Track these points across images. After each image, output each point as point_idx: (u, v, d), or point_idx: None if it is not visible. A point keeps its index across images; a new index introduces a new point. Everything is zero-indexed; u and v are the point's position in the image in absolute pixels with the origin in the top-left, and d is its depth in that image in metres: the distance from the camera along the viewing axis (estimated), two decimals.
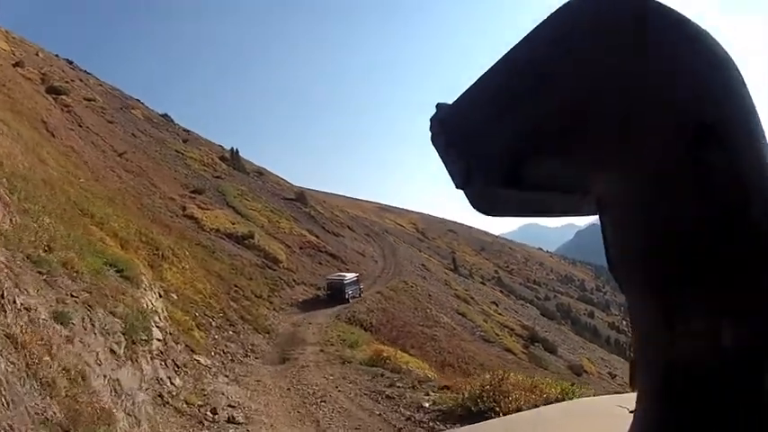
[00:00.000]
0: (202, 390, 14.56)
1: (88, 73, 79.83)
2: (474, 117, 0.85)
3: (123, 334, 11.15)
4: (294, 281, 42.45)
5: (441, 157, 0.89)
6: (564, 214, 0.98)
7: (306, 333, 29.77)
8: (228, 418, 12.85)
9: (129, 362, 10.82)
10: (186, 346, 17.92)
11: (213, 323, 23.68)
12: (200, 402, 13.21)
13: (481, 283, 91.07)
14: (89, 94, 64.52)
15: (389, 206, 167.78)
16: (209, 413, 12.74)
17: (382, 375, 19.61)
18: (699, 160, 0.68)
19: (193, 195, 50.96)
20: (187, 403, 12.79)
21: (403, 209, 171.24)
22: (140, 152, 56.07)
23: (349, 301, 40.92)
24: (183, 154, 65.32)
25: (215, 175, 63.34)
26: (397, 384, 18.13)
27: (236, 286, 32.89)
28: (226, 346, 21.94)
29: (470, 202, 0.86)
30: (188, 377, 15.04)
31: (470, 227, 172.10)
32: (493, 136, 0.82)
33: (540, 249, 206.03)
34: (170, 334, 16.45)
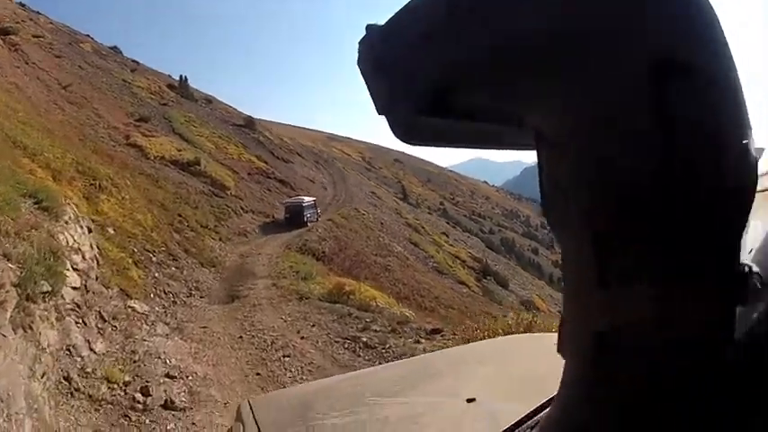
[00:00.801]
0: (133, 353, 11.08)
1: (39, 13, 73.52)
2: (403, 40, 0.73)
3: (16, 287, 7.96)
4: (242, 209, 39.44)
5: (365, 81, 0.76)
6: (497, 147, 0.86)
7: (255, 265, 27.16)
8: (166, 401, 9.38)
9: (20, 330, 7.54)
10: (120, 290, 14.80)
11: (154, 259, 20.53)
12: (126, 378, 9.66)
13: (428, 213, 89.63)
14: (38, 32, 60.01)
15: (337, 135, 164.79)
16: (138, 395, 9.24)
17: (350, 315, 16.98)
18: (662, 100, 0.57)
19: (138, 123, 47.20)
20: (109, 382, 9.24)
21: (351, 138, 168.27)
22: (86, 83, 51.90)
23: (307, 225, 40.81)
24: (129, 83, 61.20)
25: (162, 103, 59.66)
26: (373, 327, 15.57)
27: (180, 216, 29.77)
28: (167, 285, 18.80)
29: (392, 129, 0.75)
30: (116, 335, 11.69)
31: (417, 157, 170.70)
32: (421, 61, 0.71)
33: (486, 183, 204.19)
34: (97, 278, 13.34)
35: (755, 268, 0.62)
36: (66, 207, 13.56)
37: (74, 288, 10.85)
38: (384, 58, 0.74)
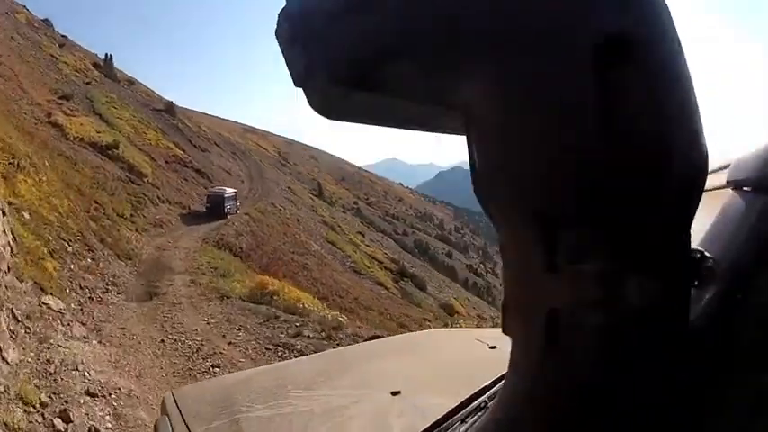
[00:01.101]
0: (48, 362, 9.86)
1: None
2: (323, 10, 0.71)
3: None
4: (159, 198, 37.72)
5: (283, 53, 0.75)
6: (423, 129, 0.83)
7: (172, 259, 26.01)
8: (90, 429, 8.14)
9: None
10: (35, 283, 13.55)
11: (69, 249, 19.13)
12: (43, 397, 8.41)
13: (343, 212, 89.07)
14: None
15: (254, 128, 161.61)
16: (58, 420, 7.97)
17: (277, 318, 16.20)
18: (606, 80, 0.56)
19: (61, 101, 44.82)
20: (24, 403, 7.92)
21: (267, 131, 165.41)
22: (15, 55, 49.28)
23: (227, 216, 40.54)
24: (57, 58, 58.47)
25: (86, 81, 57.01)
26: (305, 333, 14.79)
27: (96, 203, 28.08)
28: (83, 278, 17.55)
29: (309, 102, 0.74)
30: (30, 339, 10.54)
31: (332, 155, 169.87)
32: (341, 31, 0.70)
33: (401, 185, 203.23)
34: (9, 269, 12.21)
35: (707, 254, 0.65)
36: None
37: None
38: (302, 29, 0.72)
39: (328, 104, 0.72)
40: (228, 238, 34.61)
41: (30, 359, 9.75)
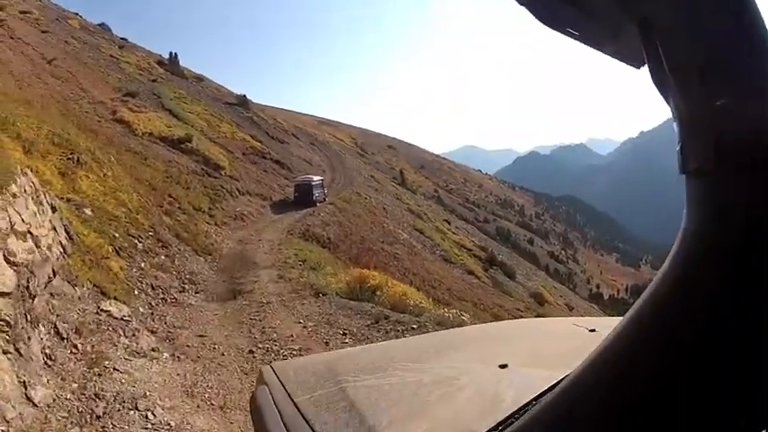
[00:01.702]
0: (96, 398, 6.89)
1: None
2: None
3: None
4: (238, 190, 35.30)
5: None
6: (597, 46, 0.88)
7: (256, 252, 23.55)
8: None
9: None
10: (94, 286, 11.08)
11: (140, 245, 16.80)
12: None
13: (425, 200, 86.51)
14: (26, 8, 55.37)
15: (328, 119, 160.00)
16: None
17: (387, 318, 13.34)
18: None
19: (126, 99, 42.79)
20: None
21: (341, 122, 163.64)
22: (72, 58, 47.69)
23: (316, 204, 39.51)
24: (117, 59, 56.75)
25: (151, 79, 55.15)
26: None
27: (170, 197, 25.85)
28: (155, 278, 15.12)
29: (536, 15, 0.83)
30: (76, 364, 7.65)
31: (410, 144, 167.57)
32: None
33: (480, 172, 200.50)
34: (55, 273, 9.49)
35: None
36: (18, 177, 9.72)
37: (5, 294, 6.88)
38: None
39: (552, 16, 0.81)
40: (315, 229, 32.06)
41: (70, 395, 6.84)
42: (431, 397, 2.09)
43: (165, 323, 12.14)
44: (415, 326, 12.64)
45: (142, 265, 15.52)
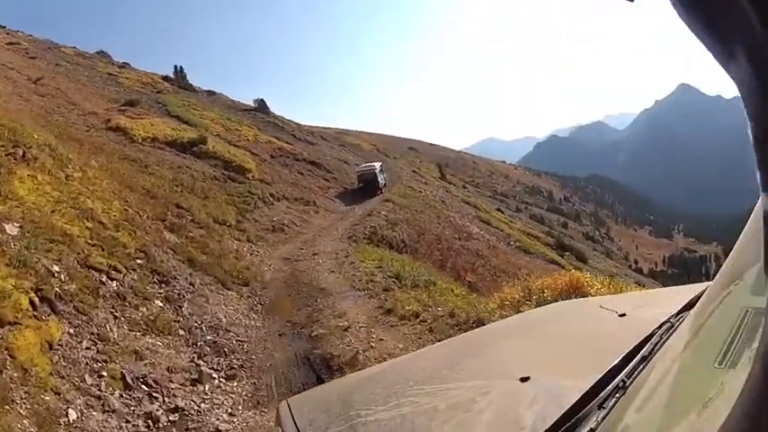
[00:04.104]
0: None
1: (19, 31, 59.70)
2: None
3: None
4: (272, 195, 26.80)
5: None
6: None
7: (317, 272, 15.51)
8: None
9: None
10: None
11: (110, 286, 9.15)
12: None
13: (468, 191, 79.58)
14: (13, 41, 47.33)
15: (345, 130, 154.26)
16: None
17: None
18: None
19: (123, 108, 34.27)
20: None
21: (361, 131, 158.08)
22: (62, 76, 39.31)
23: (382, 192, 37.25)
24: (116, 75, 48.02)
25: (155, 91, 46.57)
26: None
27: (179, 207, 17.53)
28: (136, 355, 7.26)
29: None
30: None
31: (430, 143, 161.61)
32: None
33: (503, 162, 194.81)
34: None
35: None
36: None
37: None
38: None
39: None
40: (383, 231, 24.20)
41: None
42: (445, 428, 1.99)
43: None
44: None
45: (108, 327, 7.35)
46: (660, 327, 1.72)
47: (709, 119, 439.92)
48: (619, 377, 1.52)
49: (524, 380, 1.98)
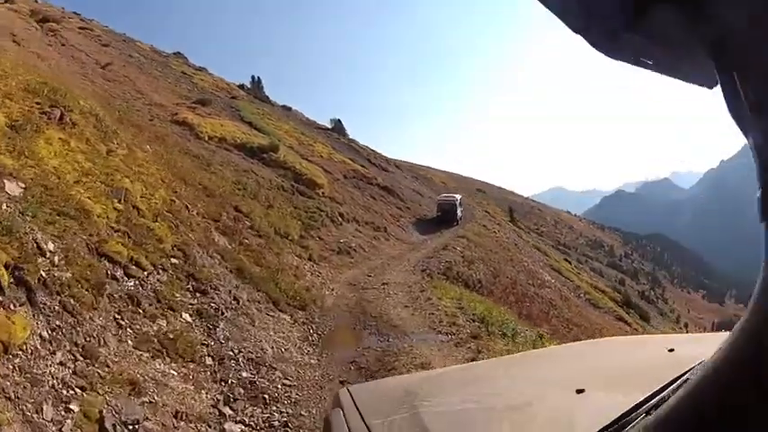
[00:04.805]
0: None
1: (94, 20, 58.62)
2: None
3: None
4: (341, 216, 24.45)
5: (557, 6, 0.81)
6: (669, 72, 0.83)
7: (386, 304, 13.21)
8: None
9: None
10: None
11: (127, 280, 7.09)
12: None
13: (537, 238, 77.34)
14: (85, 26, 44.95)
15: (418, 164, 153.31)
16: None
17: None
18: None
19: (194, 105, 32.38)
20: None
21: (431, 167, 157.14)
22: (133, 67, 37.78)
23: (459, 223, 37.26)
24: (190, 76, 46.04)
25: (230, 96, 44.84)
26: None
27: (237, 211, 15.47)
28: (135, 386, 4.90)
29: (592, 44, 0.79)
30: None
31: (499, 187, 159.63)
32: None
33: (569, 213, 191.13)
34: None
35: None
36: None
37: None
38: None
39: (612, 46, 0.76)
40: (459, 267, 21.64)
41: None
42: (505, 424, 2.02)
43: None
44: None
45: (103, 339, 5.30)
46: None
47: None
48: (666, 391, 1.50)
49: (579, 392, 1.97)
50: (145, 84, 33.33)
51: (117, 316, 6.03)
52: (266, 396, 6.38)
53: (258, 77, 60.00)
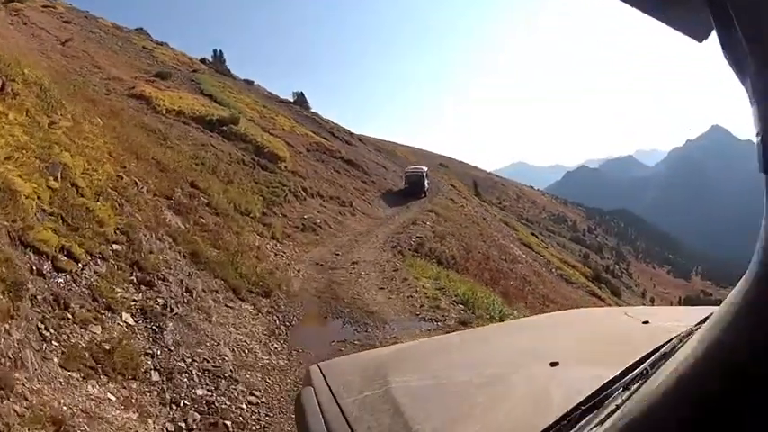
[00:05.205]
0: None
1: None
2: None
3: None
4: (305, 190, 23.48)
5: None
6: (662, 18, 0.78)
7: (359, 285, 12.27)
8: None
9: None
10: None
11: (56, 276, 5.79)
12: None
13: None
14: (49, 4, 43.30)
15: (381, 139, 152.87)
16: None
17: None
18: None
19: (153, 79, 31.33)
20: None
21: (391, 141, 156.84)
22: (93, 42, 36.59)
23: (426, 195, 37.22)
24: (151, 50, 44.77)
25: (191, 70, 43.84)
26: None
27: (193, 187, 14.27)
28: (60, 425, 3.73)
29: None
30: None
31: (461, 162, 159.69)
32: None
33: (532, 188, 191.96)
34: None
35: None
36: None
37: None
38: None
39: None
40: (431, 243, 20.68)
41: None
42: (479, 399, 1.99)
43: None
44: None
45: (21, 358, 4.80)
46: (681, 333, 1.70)
47: (739, 162, 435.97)
48: (644, 365, 1.56)
49: (554, 364, 2.00)
50: (103, 59, 32.24)
51: (41, 325, 4.87)
52: (228, 422, 5.25)
53: (220, 51, 59.14)
